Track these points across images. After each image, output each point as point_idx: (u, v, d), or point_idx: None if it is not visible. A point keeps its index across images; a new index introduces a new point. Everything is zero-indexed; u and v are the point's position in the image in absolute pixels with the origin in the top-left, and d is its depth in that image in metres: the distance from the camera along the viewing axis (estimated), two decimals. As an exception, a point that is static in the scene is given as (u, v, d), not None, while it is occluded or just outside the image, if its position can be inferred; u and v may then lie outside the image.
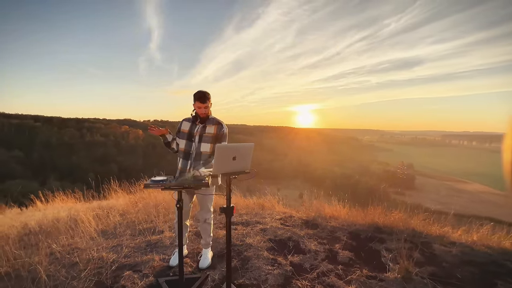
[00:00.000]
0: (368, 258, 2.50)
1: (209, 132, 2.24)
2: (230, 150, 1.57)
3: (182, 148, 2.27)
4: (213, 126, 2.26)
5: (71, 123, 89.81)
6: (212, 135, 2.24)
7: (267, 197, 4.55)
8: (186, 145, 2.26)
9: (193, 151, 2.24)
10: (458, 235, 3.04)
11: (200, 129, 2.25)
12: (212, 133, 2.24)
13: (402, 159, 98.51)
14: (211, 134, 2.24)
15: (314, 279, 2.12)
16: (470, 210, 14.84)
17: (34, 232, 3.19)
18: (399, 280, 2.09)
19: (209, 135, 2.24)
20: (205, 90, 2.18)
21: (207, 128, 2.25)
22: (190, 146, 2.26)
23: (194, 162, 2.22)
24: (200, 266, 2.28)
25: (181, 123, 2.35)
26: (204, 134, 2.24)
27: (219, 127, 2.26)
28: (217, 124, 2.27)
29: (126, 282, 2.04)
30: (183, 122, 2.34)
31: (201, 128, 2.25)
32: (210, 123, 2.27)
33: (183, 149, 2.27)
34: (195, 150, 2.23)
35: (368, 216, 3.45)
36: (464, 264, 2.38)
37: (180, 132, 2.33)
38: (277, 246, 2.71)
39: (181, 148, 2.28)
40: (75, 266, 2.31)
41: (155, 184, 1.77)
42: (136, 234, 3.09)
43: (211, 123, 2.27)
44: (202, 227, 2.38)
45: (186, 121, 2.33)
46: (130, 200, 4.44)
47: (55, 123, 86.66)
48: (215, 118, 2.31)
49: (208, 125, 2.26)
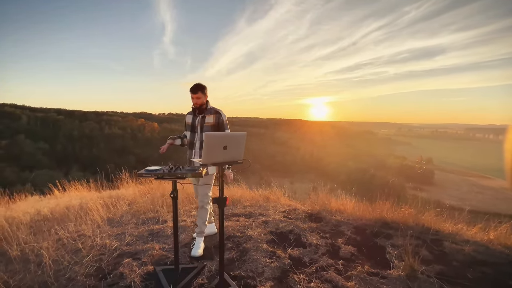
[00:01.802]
0: (371, 254, 2.40)
1: (208, 121, 2.35)
2: (220, 139, 1.51)
3: (188, 139, 2.47)
4: (211, 116, 2.36)
5: (91, 116, 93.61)
6: (211, 124, 2.35)
7: (273, 189, 4.50)
8: (190, 136, 2.44)
9: (196, 141, 2.39)
10: (473, 233, 2.85)
11: (200, 120, 2.37)
12: (211, 122, 2.35)
13: (420, 153, 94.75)
14: (210, 123, 2.35)
15: (312, 273, 2.05)
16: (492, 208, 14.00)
17: (46, 218, 3.33)
18: (402, 278, 1.98)
19: (209, 125, 2.35)
20: (200, 83, 2.33)
21: (206, 118, 2.37)
22: (193, 137, 2.42)
23: (199, 151, 2.34)
24: (192, 255, 2.30)
25: (186, 117, 2.52)
26: (205, 124, 2.35)
27: (217, 116, 2.37)
28: (215, 113, 2.38)
29: (125, 269, 2.08)
30: (187, 115, 2.51)
31: (201, 119, 2.37)
32: (208, 113, 2.38)
33: (189, 140, 2.46)
34: (198, 140, 2.38)
35: (376, 211, 3.31)
36: (477, 264, 2.22)
37: (186, 126, 2.52)
38: (277, 238, 2.66)
39: (188, 140, 2.47)
40: (79, 252, 2.38)
41: (148, 173, 1.76)
42: (140, 223, 3.15)
43: (210, 113, 2.38)
44: (199, 213, 2.42)
45: (188, 114, 2.49)
46: (139, 190, 4.54)
47: (76, 116, 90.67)
48: (213, 107, 2.42)
49: (207, 115, 2.37)
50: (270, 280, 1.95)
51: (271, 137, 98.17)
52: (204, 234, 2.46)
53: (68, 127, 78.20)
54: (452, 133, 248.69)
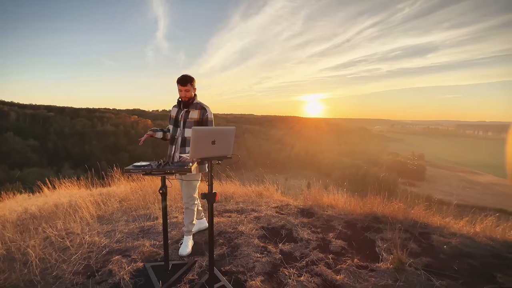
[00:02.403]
0: (361, 247, 2.43)
1: (192, 117, 2.21)
2: (208, 134, 1.49)
3: (170, 134, 2.31)
4: (196, 111, 2.22)
5: (83, 113, 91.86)
6: (195, 119, 2.20)
7: (266, 185, 4.50)
8: (173, 130, 2.29)
9: (178, 136, 2.24)
10: (460, 226, 2.92)
11: (184, 114, 2.23)
12: (195, 118, 2.20)
13: (413, 149, 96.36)
14: (194, 119, 2.20)
15: (302, 267, 2.07)
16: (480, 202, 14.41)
17: (33, 217, 3.26)
18: (390, 271, 2.02)
19: (192, 120, 2.20)
20: (189, 75, 2.17)
21: (190, 113, 2.22)
22: (175, 131, 2.27)
23: (180, 148, 2.22)
24: (180, 254, 2.26)
25: (171, 110, 2.37)
26: (188, 119, 2.20)
27: (203, 111, 2.22)
28: (200, 108, 2.23)
29: (114, 266, 2.05)
30: (172, 108, 2.36)
31: (184, 113, 2.23)
32: (193, 107, 2.23)
33: (171, 134, 2.30)
34: (180, 136, 2.23)
35: (366, 206, 3.35)
36: (463, 256, 2.27)
37: (170, 119, 2.36)
38: (269, 234, 2.67)
39: (170, 134, 2.31)
40: (67, 250, 2.34)
41: (136, 169, 1.73)
42: (131, 220, 3.11)
43: (195, 108, 2.23)
44: (185, 213, 2.37)
45: (174, 107, 2.34)
46: (131, 188, 4.48)
47: (67, 112, 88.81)
48: (199, 102, 2.27)
49: (191, 110, 2.22)
50: (261, 275, 1.95)
51: (266, 134, 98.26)
52: (192, 232, 2.43)
53: (59, 124, 76.59)
54: (444, 130, 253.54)
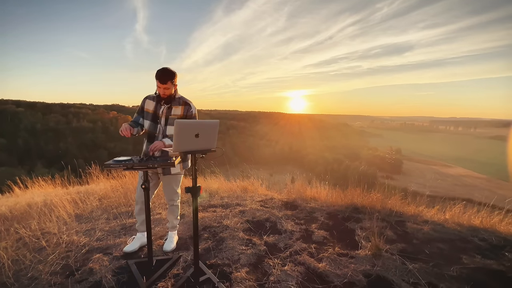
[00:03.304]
0: (342, 237, 2.54)
1: (175, 113, 2.08)
2: (191, 127, 1.48)
3: (147, 129, 2.11)
4: (179, 107, 2.08)
5: (56, 108, 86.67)
6: (179, 116, 2.08)
7: (251, 180, 4.54)
8: (150, 126, 2.10)
9: (159, 133, 2.09)
10: (432, 214, 3.13)
11: (165, 110, 2.07)
12: (178, 114, 2.08)
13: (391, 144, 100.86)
14: (177, 116, 2.08)
15: (286, 257, 2.13)
16: (450, 193, 15.44)
17: (3, 217, 3.07)
18: (369, 257, 2.13)
19: (176, 117, 2.07)
20: (170, 69, 1.96)
21: (173, 109, 2.08)
22: (155, 128, 2.09)
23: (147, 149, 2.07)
24: (164, 249, 2.24)
25: (144, 101, 2.13)
26: (170, 116, 2.07)
27: (187, 107, 2.09)
28: (184, 104, 2.09)
29: (95, 264, 2.00)
30: (146, 100, 2.13)
31: (166, 109, 2.07)
32: (176, 103, 2.08)
33: (147, 131, 2.11)
34: (161, 133, 2.09)
35: (347, 197, 3.49)
36: (434, 240, 2.45)
37: (143, 112, 2.14)
38: (254, 227, 2.71)
39: (146, 130, 2.12)
40: (42, 250, 2.24)
41: (116, 164, 1.68)
42: (111, 218, 3.02)
43: (178, 104, 2.08)
44: (169, 209, 2.33)
45: (149, 100, 2.12)
46: (111, 185, 4.34)
47: (39, 108, 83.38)
48: (182, 97, 2.12)
49: (174, 106, 2.08)
50: (246, 266, 1.99)
51: (251, 130, 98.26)
52: (177, 228, 2.41)
53: (30, 120, 71.75)
54: (419, 125, 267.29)
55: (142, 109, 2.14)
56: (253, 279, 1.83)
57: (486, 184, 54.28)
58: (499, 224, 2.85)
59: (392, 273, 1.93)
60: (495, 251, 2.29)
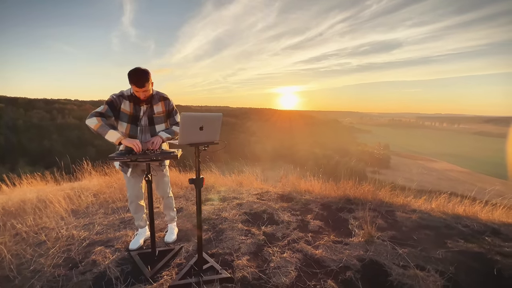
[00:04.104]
0: (336, 226, 2.66)
1: (158, 111, 2.01)
2: (196, 120, 1.53)
3: (126, 133, 1.95)
4: (160, 103, 2.01)
5: (39, 104, 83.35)
6: (162, 113, 2.03)
7: (246, 174, 4.62)
8: (131, 129, 1.95)
9: (140, 134, 1.98)
10: (419, 204, 3.31)
11: (147, 111, 1.98)
12: (161, 111, 2.02)
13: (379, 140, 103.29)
14: (161, 113, 2.02)
15: (284, 246, 2.23)
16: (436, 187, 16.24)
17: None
18: (362, 244, 2.26)
19: (160, 115, 2.02)
20: (142, 68, 1.81)
21: (155, 107, 1.99)
22: (135, 130, 1.97)
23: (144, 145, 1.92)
24: (166, 241, 2.29)
25: (119, 100, 1.89)
26: (154, 115, 2.00)
27: (166, 102, 2.04)
28: (163, 99, 2.03)
29: (97, 256, 2.03)
30: (123, 100, 1.90)
31: (148, 109, 1.98)
32: (156, 101, 2.00)
33: (127, 133, 1.95)
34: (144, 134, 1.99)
35: (340, 190, 3.63)
36: (421, 228, 2.61)
37: (118, 112, 1.91)
38: (252, 218, 2.79)
39: (125, 133, 1.94)
40: (42, 244, 2.24)
41: (120, 156, 1.71)
42: (109, 212, 3.03)
43: (157, 101, 2.00)
44: (165, 203, 2.37)
45: (124, 99, 1.91)
46: (105, 181, 4.30)
47: (20, 104, 79.96)
48: (158, 92, 2.03)
49: (154, 104, 1.99)
50: (246, 255, 2.07)
51: (242, 127, 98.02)
52: (175, 219, 2.46)
53: (11, 116, 68.75)
54: (406, 121, 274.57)
55: (116, 106, 1.90)
56: (254, 266, 1.92)
57: (468, 177, 56.64)
58: (480, 212, 3.06)
59: (384, 257, 2.06)
60: (477, 236, 2.47)
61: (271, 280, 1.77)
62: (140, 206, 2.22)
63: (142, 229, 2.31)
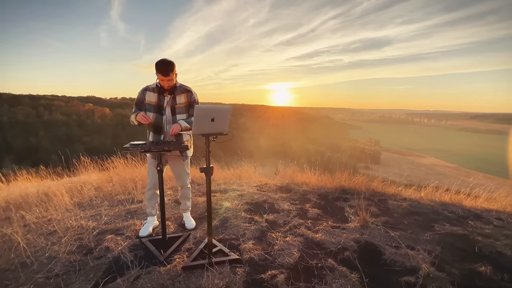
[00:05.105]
0: (333, 213, 2.84)
1: (180, 102, 2.15)
2: (208, 112, 1.65)
3: (152, 122, 2.13)
4: (182, 95, 2.16)
5: (25, 100, 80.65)
6: (184, 104, 2.17)
7: (244, 168, 4.75)
8: (156, 118, 2.13)
9: (165, 124, 2.15)
10: (409, 193, 3.53)
11: (170, 101, 2.13)
12: (183, 102, 2.16)
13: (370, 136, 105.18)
14: (183, 104, 2.16)
15: (286, 231, 2.38)
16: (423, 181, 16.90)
17: (1, 207, 3.04)
18: (358, 228, 2.44)
19: (181, 105, 2.16)
20: (169, 60, 1.99)
21: (177, 98, 2.14)
22: (161, 119, 2.14)
23: (168, 135, 2.16)
24: (188, 228, 2.42)
25: (145, 93, 2.13)
26: (176, 106, 2.14)
27: (189, 94, 2.18)
28: (186, 92, 2.17)
29: (110, 243, 2.12)
30: (147, 92, 2.13)
31: (171, 100, 2.13)
32: (179, 92, 2.15)
33: (153, 123, 2.14)
34: (168, 123, 2.16)
35: (335, 181, 3.81)
36: (411, 214, 2.82)
37: (144, 104, 2.14)
38: (253, 208, 2.93)
39: (151, 122, 2.12)
40: (53, 234, 2.32)
41: (134, 147, 1.81)
42: (114, 204, 3.11)
43: (180, 92, 2.15)
44: (183, 192, 2.48)
45: (150, 92, 2.13)
46: (104, 176, 4.35)
47: (4, 99, 77.15)
48: (182, 85, 2.18)
49: (177, 95, 2.14)
50: (252, 239, 2.21)
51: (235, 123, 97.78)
52: (189, 209, 2.58)
53: (-5, 113, 66.38)
54: (396, 118, 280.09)
55: (141, 101, 2.15)
56: (260, 249, 2.06)
57: (455, 172, 58.61)
58: (465, 200, 3.31)
59: (378, 239, 2.24)
60: (461, 220, 2.69)
61: (277, 261, 1.92)
62: (155, 194, 2.35)
63: (151, 217, 2.41)
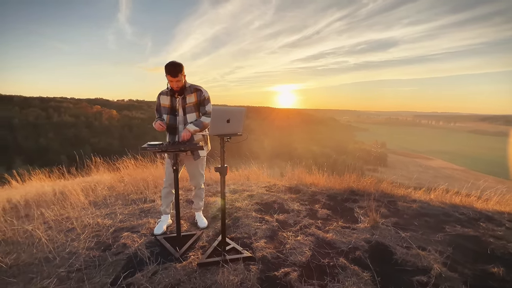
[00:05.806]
0: (343, 214, 2.86)
1: (190, 101, 2.22)
2: (224, 113, 1.71)
3: (166, 123, 2.27)
4: (192, 95, 2.23)
5: (35, 102, 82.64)
6: (194, 103, 2.24)
7: (252, 169, 4.80)
8: (170, 119, 2.26)
9: (179, 124, 2.26)
10: (419, 195, 3.52)
11: (181, 101, 2.22)
12: (193, 101, 2.23)
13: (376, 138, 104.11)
14: (192, 103, 2.23)
15: (297, 231, 2.42)
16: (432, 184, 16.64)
17: (21, 205, 3.16)
18: (368, 229, 2.46)
19: (191, 104, 2.23)
20: (177, 62, 2.08)
21: (187, 98, 2.22)
22: (174, 120, 2.26)
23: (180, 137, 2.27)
24: (201, 227, 2.48)
25: (159, 98, 2.30)
26: (187, 105, 2.22)
27: (199, 93, 2.24)
28: (195, 91, 2.23)
29: (127, 240, 2.20)
30: (161, 96, 2.29)
31: (181, 100, 2.22)
32: (188, 92, 2.23)
33: (168, 124, 2.27)
34: (181, 124, 2.26)
35: (344, 182, 3.83)
36: (421, 215, 2.82)
37: (161, 107, 2.30)
38: (263, 208, 2.98)
39: (167, 124, 2.27)
40: (72, 231, 2.41)
41: (152, 147, 1.88)
42: (128, 203, 3.19)
43: (190, 92, 2.23)
44: (197, 192, 2.54)
45: (163, 95, 2.27)
46: (116, 176, 4.46)
47: (16, 102, 79.21)
48: (192, 85, 2.25)
49: (187, 95, 2.22)
50: (263, 238, 2.25)
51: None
52: (202, 208, 2.64)
53: (6, 115, 68.10)
54: (403, 120, 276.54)
55: (159, 106, 2.31)
56: (272, 247, 2.11)
57: (464, 175, 57.48)
58: (475, 202, 3.29)
59: (389, 240, 2.26)
60: (472, 222, 2.68)
61: (289, 259, 1.96)
62: (171, 193, 2.42)
63: (165, 215, 2.48)
